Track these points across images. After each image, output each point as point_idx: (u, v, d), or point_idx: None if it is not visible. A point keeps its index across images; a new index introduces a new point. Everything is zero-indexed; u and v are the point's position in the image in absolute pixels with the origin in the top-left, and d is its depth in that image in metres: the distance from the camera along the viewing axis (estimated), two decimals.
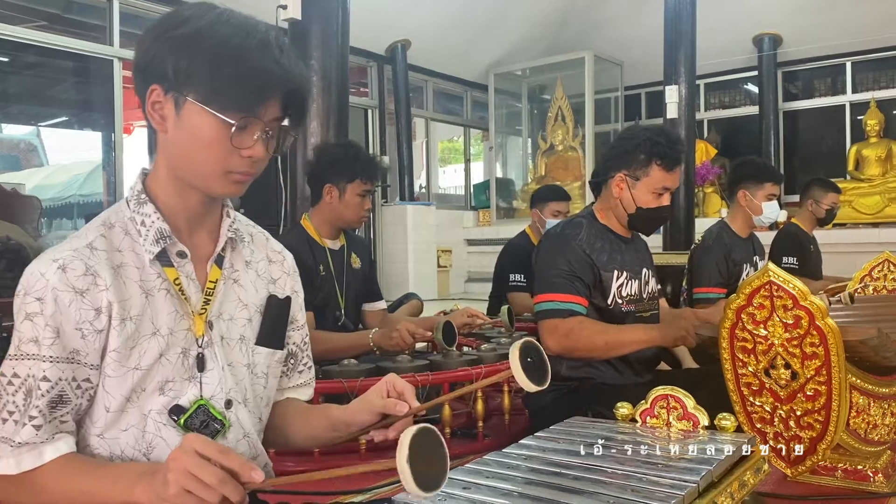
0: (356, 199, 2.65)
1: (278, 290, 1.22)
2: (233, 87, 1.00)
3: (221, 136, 1.02)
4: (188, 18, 1.03)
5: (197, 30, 1.01)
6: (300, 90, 1.06)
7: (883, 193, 8.28)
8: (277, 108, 1.05)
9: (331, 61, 3.59)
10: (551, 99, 10.34)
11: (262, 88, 1.02)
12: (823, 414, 1.57)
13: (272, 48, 1.03)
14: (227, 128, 1.01)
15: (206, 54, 1.00)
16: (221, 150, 1.02)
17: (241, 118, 1.01)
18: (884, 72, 9.16)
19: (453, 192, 12.60)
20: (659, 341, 2.24)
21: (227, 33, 1.01)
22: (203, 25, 1.01)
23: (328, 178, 2.66)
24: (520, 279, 3.99)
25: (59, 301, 0.99)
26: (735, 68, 9.74)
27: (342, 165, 2.65)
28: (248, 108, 1.01)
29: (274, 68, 1.02)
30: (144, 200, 1.08)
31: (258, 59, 1.01)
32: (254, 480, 0.85)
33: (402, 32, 8.99)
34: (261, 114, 1.03)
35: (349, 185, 2.63)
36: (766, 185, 3.36)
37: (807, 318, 1.51)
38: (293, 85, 1.05)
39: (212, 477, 0.84)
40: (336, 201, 2.65)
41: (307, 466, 2.23)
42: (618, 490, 0.98)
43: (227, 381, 1.10)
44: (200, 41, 1.00)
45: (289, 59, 1.04)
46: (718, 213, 8.85)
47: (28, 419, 0.97)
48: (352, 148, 2.79)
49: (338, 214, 2.68)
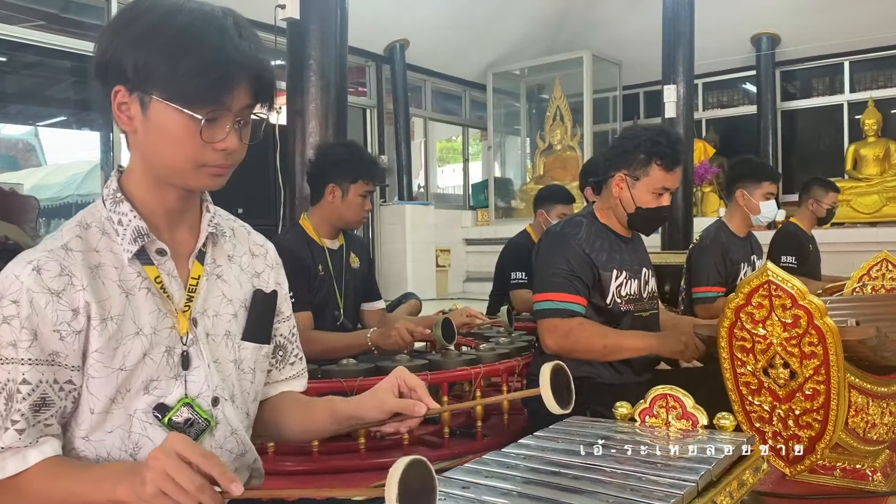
0: (358, 200, 2.65)
1: (262, 283, 1.21)
2: (195, 81, 0.97)
3: (191, 131, 0.99)
4: (141, 13, 1.00)
5: (151, 24, 0.98)
6: (265, 72, 1.03)
7: (881, 193, 8.29)
8: (246, 95, 1.02)
9: (329, 61, 3.59)
10: (550, 98, 10.34)
11: (225, 78, 0.98)
12: (822, 413, 1.57)
13: (230, 33, 0.99)
14: (195, 123, 0.98)
15: (163, 49, 0.97)
16: (193, 145, 1.00)
17: (208, 112, 0.99)
18: (882, 71, 9.18)
19: (452, 191, 12.60)
20: (656, 350, 2.24)
21: (182, 24, 0.98)
22: (156, 19, 0.98)
23: (331, 177, 2.66)
24: (521, 277, 3.99)
25: (35, 303, 0.97)
26: (733, 68, 9.75)
27: (346, 165, 2.65)
28: (215, 100, 0.99)
29: (235, 55, 0.99)
30: (120, 199, 1.07)
31: (217, 47, 0.98)
32: (231, 492, 0.84)
33: (400, 32, 8.99)
34: (229, 104, 1.00)
35: (352, 185, 2.63)
36: (763, 185, 3.37)
37: (805, 318, 1.51)
38: (257, 69, 1.02)
39: (189, 482, 0.82)
40: (339, 201, 2.65)
41: (306, 466, 2.23)
42: (617, 489, 0.98)
43: (214, 379, 1.09)
44: (156, 36, 0.98)
45: (250, 42, 1.01)
46: (717, 212, 8.86)
47: (10, 423, 0.96)
48: (355, 148, 2.79)
49: (339, 214, 2.67)
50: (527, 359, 2.63)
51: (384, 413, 1.13)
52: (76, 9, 7.09)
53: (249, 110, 1.04)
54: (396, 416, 1.13)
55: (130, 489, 0.87)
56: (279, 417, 1.25)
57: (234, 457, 1.14)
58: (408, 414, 1.11)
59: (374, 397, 1.14)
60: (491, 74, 10.47)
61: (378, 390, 1.14)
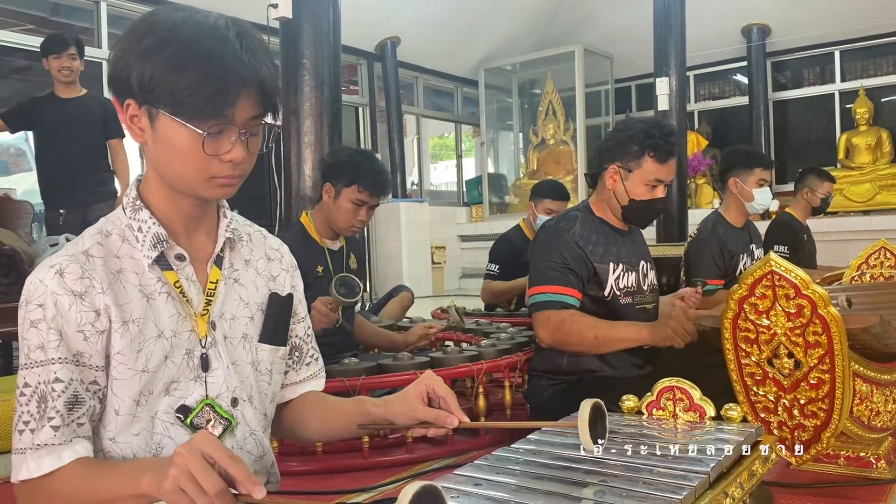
0: (349, 206, 2.61)
1: (278, 287, 1.23)
2: (197, 95, 0.97)
3: (196, 144, 1.00)
4: (151, 27, 1.00)
5: (158, 38, 0.99)
6: (268, 83, 1.03)
7: (874, 181, 8.33)
8: (250, 106, 1.02)
9: (323, 60, 3.57)
10: (542, 93, 10.34)
11: (225, 91, 0.98)
12: (827, 402, 1.57)
13: (232, 45, 0.99)
14: (199, 137, 0.99)
15: (166, 63, 0.97)
16: (199, 158, 1.01)
17: (211, 125, 0.99)
18: (872, 60, 9.20)
19: (445, 188, 12.59)
20: (648, 340, 2.24)
21: (185, 38, 0.98)
22: (164, 33, 0.99)
23: (328, 176, 2.66)
24: (493, 269, 4.09)
25: (59, 304, 0.99)
26: (724, 59, 9.77)
27: (344, 168, 2.63)
28: (217, 113, 0.99)
29: (236, 66, 0.99)
30: (140, 207, 1.09)
31: (217, 60, 0.98)
32: (254, 495, 0.84)
33: (391, 29, 8.97)
34: (231, 116, 1.00)
35: (346, 188, 2.61)
36: (755, 171, 3.37)
37: (809, 307, 1.51)
38: (260, 80, 1.01)
39: (211, 485, 0.83)
40: (331, 201, 2.64)
41: (310, 466, 2.22)
42: (629, 483, 0.98)
43: (232, 380, 1.11)
44: (161, 50, 0.98)
45: (252, 53, 1.01)
46: (711, 203, 8.89)
47: (47, 420, 0.97)
48: (361, 155, 2.73)
49: (330, 216, 2.66)
50: (528, 354, 2.63)
51: (414, 420, 1.13)
52: (65, 12, 7.06)
53: (256, 121, 1.04)
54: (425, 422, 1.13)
55: (153, 481, 0.87)
56: (302, 419, 1.26)
57: (253, 458, 1.16)
58: (441, 425, 1.11)
59: (405, 404, 1.14)
60: (483, 70, 10.46)
61: (408, 397, 1.14)
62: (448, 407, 1.12)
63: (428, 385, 1.14)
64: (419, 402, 1.12)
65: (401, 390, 1.17)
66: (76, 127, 4.20)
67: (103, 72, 6.54)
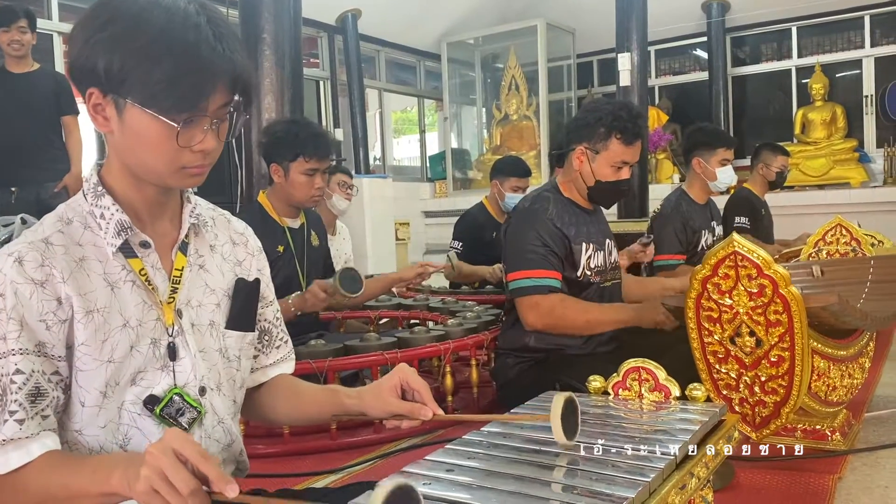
0: (301, 178, 2.57)
1: (244, 272, 1.22)
2: (171, 87, 0.95)
3: (168, 136, 0.98)
4: (113, 16, 0.97)
5: (125, 27, 0.96)
6: (242, 72, 1.01)
7: (828, 156, 8.49)
8: (223, 95, 1.00)
9: (283, 33, 3.51)
10: (504, 68, 10.30)
11: (201, 83, 0.97)
12: (787, 379, 1.62)
13: (205, 34, 0.97)
14: (172, 129, 0.97)
15: (137, 54, 0.95)
16: (170, 149, 0.99)
17: (184, 117, 0.97)
18: (827, 36, 9.33)
19: (408, 163, 12.52)
20: (636, 322, 2.28)
21: (155, 27, 0.95)
22: (130, 22, 0.96)
23: (272, 157, 2.62)
24: (457, 246, 4.14)
25: (20, 294, 0.97)
26: (684, 34, 9.82)
27: (284, 144, 2.59)
28: (191, 105, 0.97)
29: (211, 57, 0.97)
30: (102, 193, 1.06)
31: (191, 51, 0.95)
32: (226, 494, 0.83)
33: (352, 2, 8.82)
34: (205, 107, 0.99)
35: (292, 163, 2.57)
36: (718, 151, 3.43)
37: (771, 287, 1.55)
38: (234, 70, 1.00)
39: (184, 485, 0.81)
40: (283, 181, 2.60)
41: (276, 448, 2.22)
42: (598, 465, 0.99)
43: (200, 368, 1.10)
44: (130, 39, 0.95)
45: (225, 41, 0.99)
46: (671, 179, 8.98)
47: (9, 414, 0.95)
48: (294, 125, 2.68)
49: (287, 194, 2.62)
50: (494, 332, 2.64)
51: (387, 413, 1.14)
52: None
53: (225, 109, 1.02)
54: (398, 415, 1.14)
55: (124, 480, 0.86)
56: (273, 403, 1.27)
57: (221, 447, 1.15)
58: (415, 417, 1.12)
59: (378, 397, 1.14)
60: (445, 44, 10.36)
61: (381, 390, 1.15)
62: (422, 399, 1.12)
63: (402, 378, 1.14)
64: (393, 395, 1.13)
65: (373, 382, 1.18)
66: (28, 103, 4.07)
67: (54, 45, 6.33)
